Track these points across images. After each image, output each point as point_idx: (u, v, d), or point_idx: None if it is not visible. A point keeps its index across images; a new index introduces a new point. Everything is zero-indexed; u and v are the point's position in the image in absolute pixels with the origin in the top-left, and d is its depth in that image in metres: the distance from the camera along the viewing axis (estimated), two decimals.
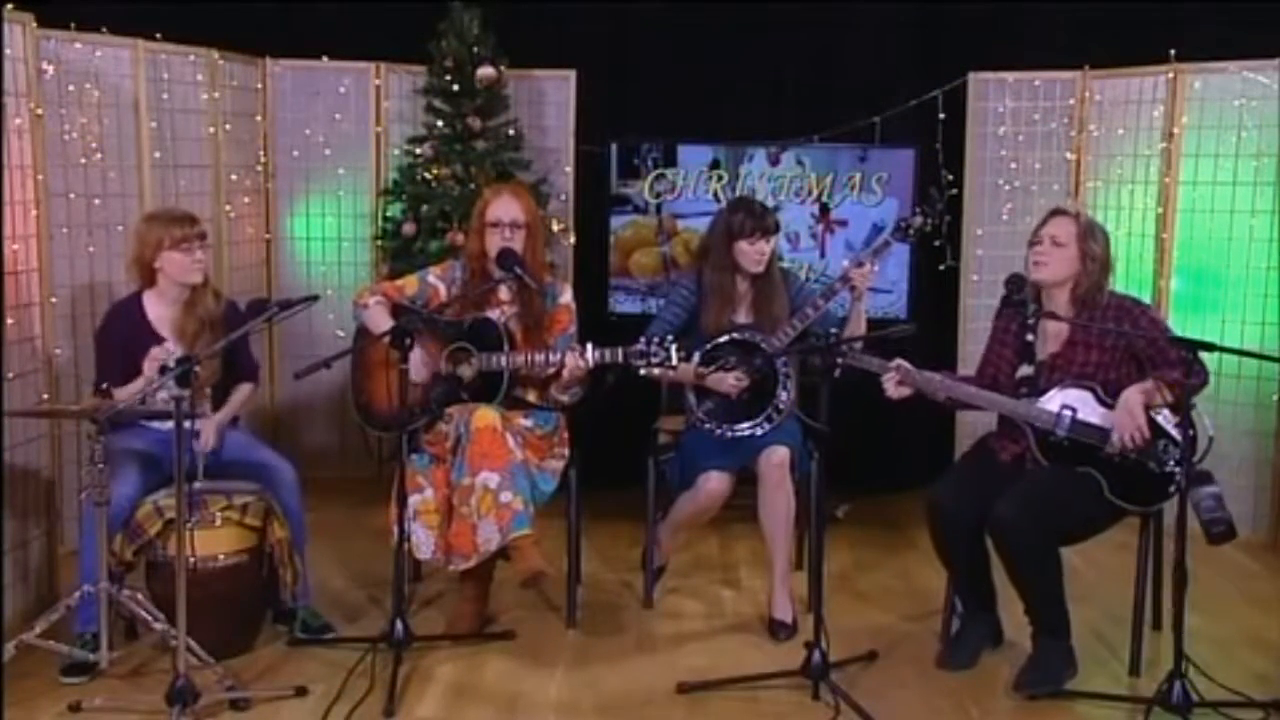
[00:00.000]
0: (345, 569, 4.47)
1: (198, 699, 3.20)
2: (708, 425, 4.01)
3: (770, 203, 4.88)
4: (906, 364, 3.66)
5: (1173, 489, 3.45)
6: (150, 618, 3.44)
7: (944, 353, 5.37)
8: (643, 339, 3.84)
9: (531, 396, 4.04)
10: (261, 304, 3.78)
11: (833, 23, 5.45)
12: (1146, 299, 4.84)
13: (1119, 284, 4.17)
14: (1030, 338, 3.66)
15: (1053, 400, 3.57)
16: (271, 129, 5.53)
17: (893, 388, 3.65)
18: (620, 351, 3.81)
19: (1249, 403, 4.89)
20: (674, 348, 3.74)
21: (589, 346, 3.85)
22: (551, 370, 3.95)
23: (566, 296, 4.12)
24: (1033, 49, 5.37)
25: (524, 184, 4.76)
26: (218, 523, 3.65)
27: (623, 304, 5.33)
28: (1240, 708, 3.33)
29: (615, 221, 5.31)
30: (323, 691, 3.45)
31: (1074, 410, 3.54)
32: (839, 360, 3.39)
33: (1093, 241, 3.62)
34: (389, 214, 5.39)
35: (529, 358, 3.90)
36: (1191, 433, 3.29)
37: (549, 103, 5.53)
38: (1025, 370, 3.63)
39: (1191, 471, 3.32)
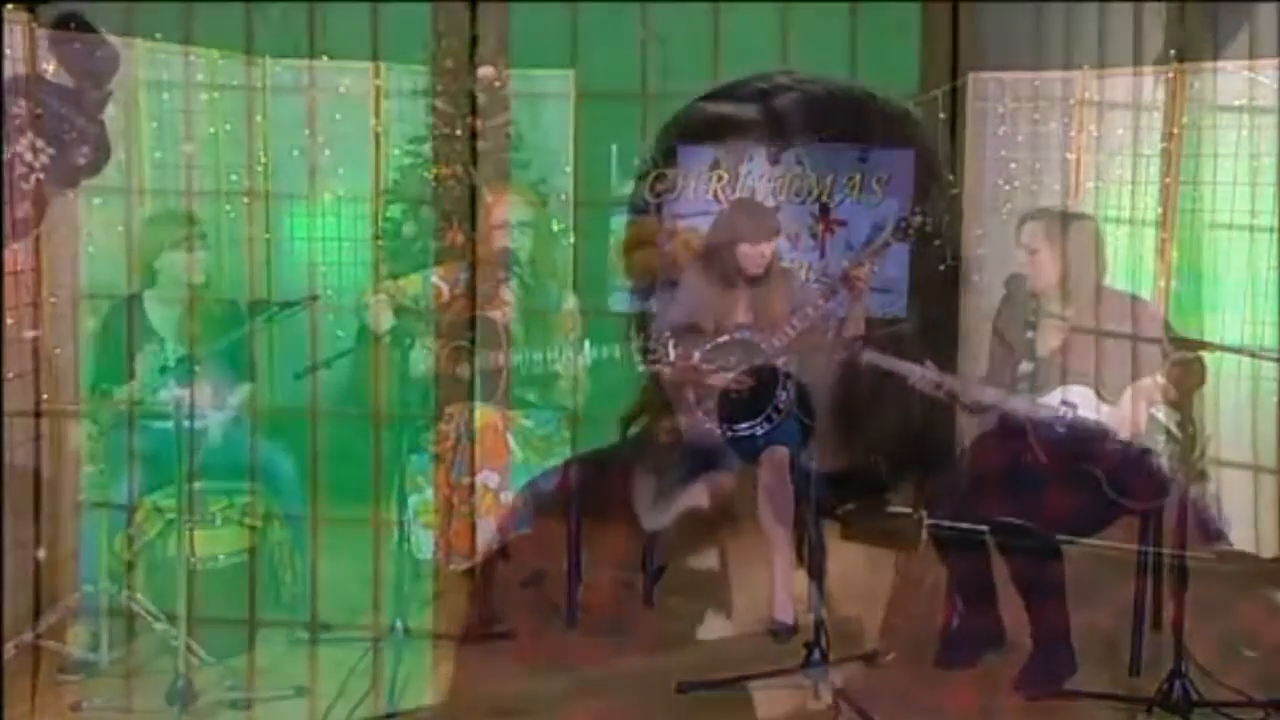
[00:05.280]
0: (345, 569, 4.45)
1: (197, 699, 3.20)
2: (708, 425, 4.01)
3: (770, 203, 4.88)
4: (933, 366, 3.66)
5: (1171, 486, 3.45)
6: (150, 618, 3.44)
7: (944, 353, 5.36)
8: (642, 338, 3.84)
9: (532, 396, 4.04)
10: (261, 304, 3.79)
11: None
12: (1146, 299, 4.86)
13: (1120, 284, 4.17)
14: (1030, 335, 3.66)
15: (1053, 397, 3.57)
16: (271, 129, 5.52)
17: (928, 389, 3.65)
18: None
19: (1249, 403, 4.88)
20: (673, 346, 3.74)
21: (588, 346, 3.85)
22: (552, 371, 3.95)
23: (570, 303, 4.13)
24: (1033, 49, 5.36)
25: (523, 184, 4.76)
26: (218, 523, 3.65)
27: (623, 304, 5.32)
28: (1240, 708, 3.33)
29: (615, 221, 5.31)
30: (323, 692, 3.45)
31: (1074, 406, 3.54)
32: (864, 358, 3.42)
33: (1064, 237, 3.60)
34: (389, 214, 5.39)
35: (529, 358, 3.90)
36: (1191, 431, 3.29)
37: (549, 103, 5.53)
38: (1026, 367, 3.64)
39: (1189, 471, 3.31)
